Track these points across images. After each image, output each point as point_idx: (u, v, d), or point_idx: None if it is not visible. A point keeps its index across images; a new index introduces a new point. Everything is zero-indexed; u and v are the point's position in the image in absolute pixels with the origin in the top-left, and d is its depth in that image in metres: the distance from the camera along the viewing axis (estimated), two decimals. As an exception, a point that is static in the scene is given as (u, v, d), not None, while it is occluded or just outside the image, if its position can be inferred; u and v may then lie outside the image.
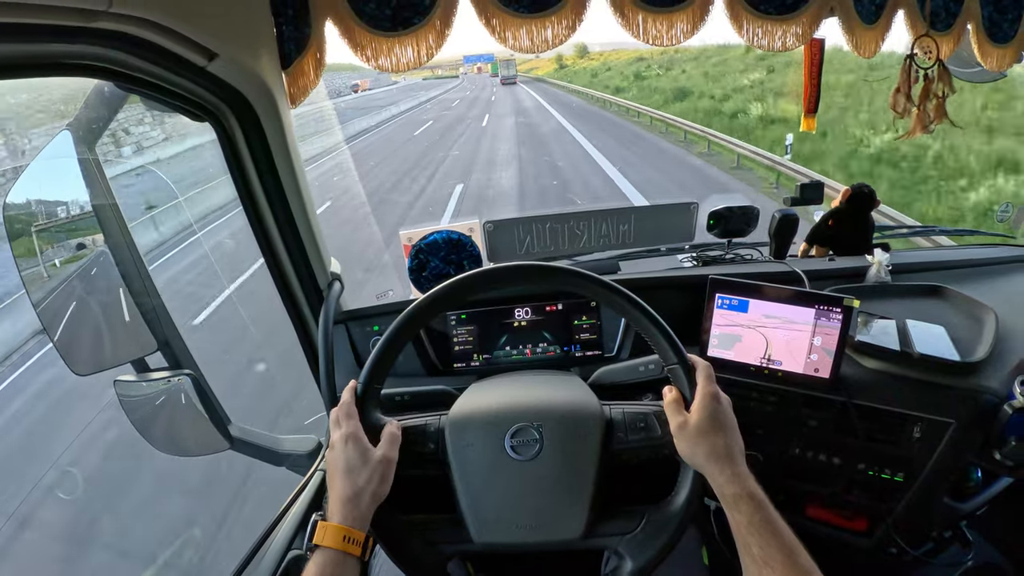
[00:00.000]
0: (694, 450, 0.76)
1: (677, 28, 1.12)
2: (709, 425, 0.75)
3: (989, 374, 1.09)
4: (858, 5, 1.18)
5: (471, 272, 0.84)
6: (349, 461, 0.75)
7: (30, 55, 0.67)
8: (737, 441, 0.76)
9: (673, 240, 1.58)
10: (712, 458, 0.74)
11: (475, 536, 0.79)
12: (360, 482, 0.74)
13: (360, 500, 0.74)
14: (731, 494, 0.71)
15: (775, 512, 0.70)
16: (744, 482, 0.72)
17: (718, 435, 0.75)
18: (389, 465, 0.78)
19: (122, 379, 1.10)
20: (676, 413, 0.78)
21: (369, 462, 0.76)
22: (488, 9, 1.06)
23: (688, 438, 0.76)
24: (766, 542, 0.67)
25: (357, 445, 0.76)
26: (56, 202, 1.06)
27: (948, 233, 2.01)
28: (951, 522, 1.27)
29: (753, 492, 0.71)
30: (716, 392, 0.78)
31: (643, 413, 0.85)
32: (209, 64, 0.87)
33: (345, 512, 0.72)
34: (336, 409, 0.80)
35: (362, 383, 0.81)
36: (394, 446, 0.80)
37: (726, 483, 0.72)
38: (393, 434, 0.81)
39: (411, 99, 42.08)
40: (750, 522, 0.69)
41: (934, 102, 1.27)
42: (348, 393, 0.81)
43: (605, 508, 0.80)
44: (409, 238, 1.40)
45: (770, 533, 0.68)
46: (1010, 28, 1.34)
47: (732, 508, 0.71)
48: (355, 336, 1.34)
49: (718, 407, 0.77)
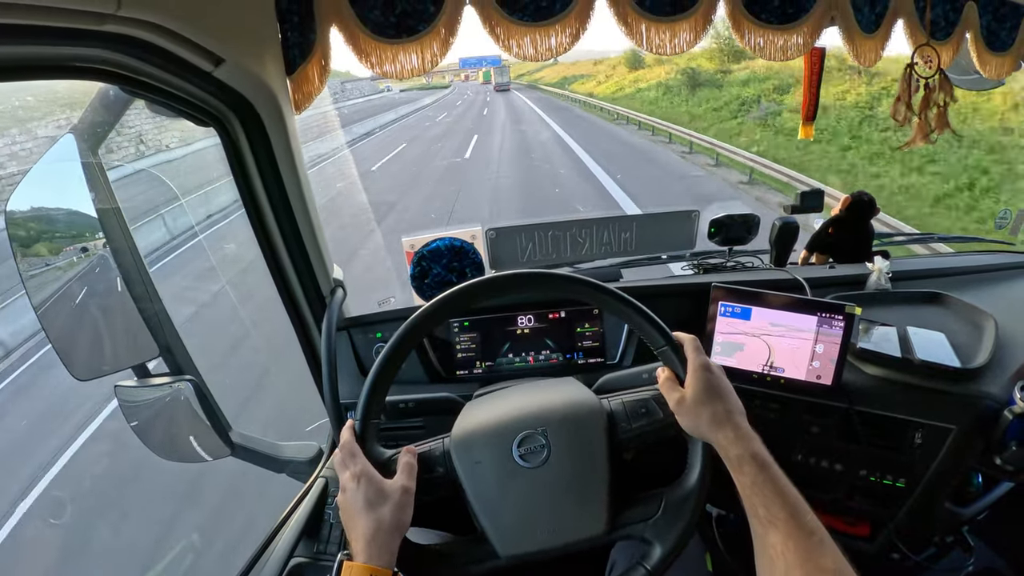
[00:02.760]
0: (696, 421, 0.76)
1: (680, 37, 1.13)
2: (705, 394, 0.76)
3: (989, 380, 1.10)
4: (858, 15, 1.20)
5: (453, 289, 0.83)
6: (367, 498, 0.74)
7: (37, 57, 0.67)
8: (735, 404, 0.77)
9: (674, 248, 1.58)
10: (714, 424, 0.75)
11: (500, 551, 0.78)
12: (383, 517, 0.73)
13: (385, 535, 0.72)
14: (735, 455, 0.72)
15: (780, 472, 0.70)
16: (748, 443, 0.72)
17: (715, 401, 0.76)
18: (409, 495, 0.76)
19: (123, 384, 1.09)
20: (672, 390, 0.79)
21: (388, 495, 0.75)
22: (492, 17, 1.07)
23: (688, 411, 0.77)
24: (770, 501, 0.67)
25: (371, 481, 0.75)
26: (59, 206, 1.06)
27: (947, 240, 2.02)
28: (953, 527, 1.28)
29: (756, 452, 0.71)
30: (706, 362, 0.79)
31: (642, 399, 0.86)
32: (215, 69, 0.87)
33: (371, 551, 0.70)
34: (337, 451, 0.79)
35: (359, 419, 0.80)
36: (412, 475, 0.79)
37: (730, 445, 0.73)
38: (410, 463, 0.80)
39: (391, 112, 32.91)
40: (754, 482, 0.69)
41: (935, 111, 1.28)
42: (347, 432, 0.80)
43: (623, 499, 0.81)
44: (412, 245, 1.40)
45: (774, 492, 0.67)
46: (1008, 36, 1.35)
47: (737, 470, 0.71)
48: (358, 343, 1.34)
49: (710, 375, 0.78)
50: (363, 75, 60.89)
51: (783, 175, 9.75)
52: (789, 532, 0.64)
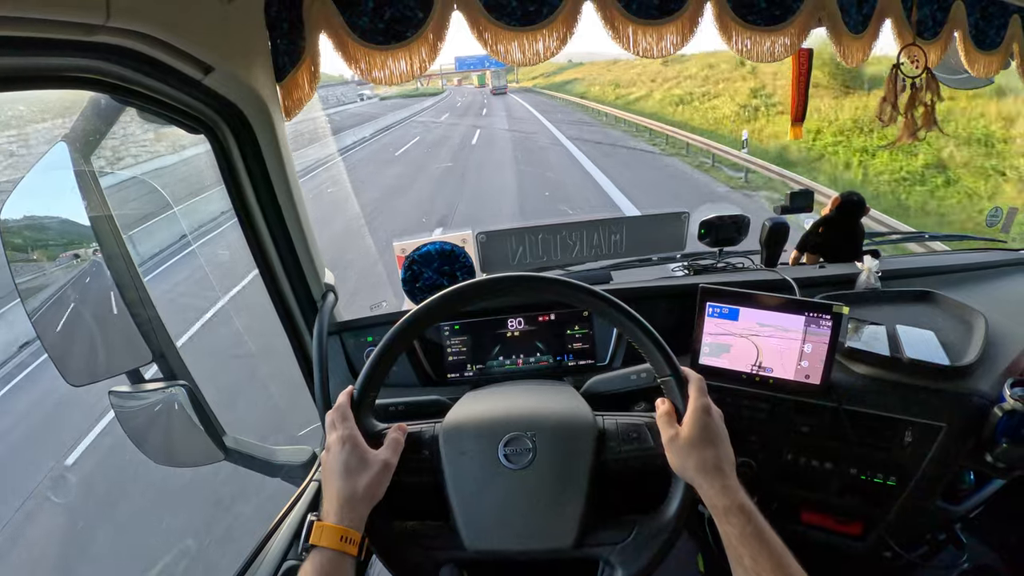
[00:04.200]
0: (684, 463, 0.76)
1: (667, 40, 1.14)
2: (700, 438, 0.76)
3: (979, 377, 1.10)
4: (845, 16, 1.20)
5: (465, 283, 0.85)
6: (347, 463, 0.76)
7: (28, 68, 0.68)
8: (728, 454, 0.77)
9: (665, 249, 1.59)
10: (702, 471, 0.75)
11: (468, 543, 0.79)
12: (359, 484, 0.75)
13: (358, 501, 0.74)
14: (722, 506, 0.72)
15: (765, 522, 0.71)
16: (734, 495, 0.73)
17: (708, 448, 0.76)
18: (388, 469, 0.79)
19: (117, 390, 1.10)
20: (668, 426, 0.79)
21: (369, 465, 0.77)
22: (480, 22, 1.07)
23: (679, 451, 0.77)
24: (757, 552, 0.68)
25: (355, 447, 0.77)
26: (52, 214, 1.07)
27: (938, 238, 2.02)
28: (945, 525, 1.28)
29: (743, 504, 0.72)
30: (708, 405, 0.79)
31: (636, 424, 0.86)
32: (205, 77, 0.88)
33: (342, 513, 0.73)
34: (331, 412, 0.81)
35: (358, 388, 0.82)
36: (396, 452, 0.81)
37: (716, 495, 0.73)
38: (396, 439, 0.82)
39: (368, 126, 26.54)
40: (741, 533, 0.70)
41: (921, 110, 1.29)
42: (344, 396, 0.82)
43: (597, 517, 0.81)
44: (403, 249, 1.41)
45: (760, 543, 0.68)
46: (996, 35, 1.36)
47: (723, 521, 0.72)
48: (349, 347, 1.34)
49: (709, 420, 0.78)
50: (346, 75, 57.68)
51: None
52: None
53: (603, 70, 50.07)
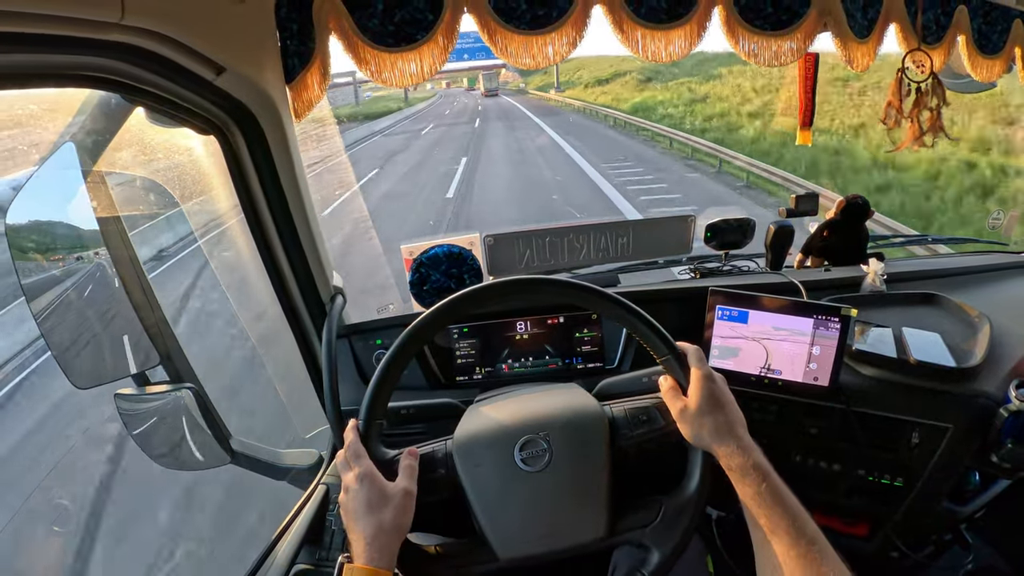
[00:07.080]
0: (698, 431, 0.77)
1: (675, 44, 1.15)
2: (708, 404, 0.77)
3: (985, 379, 1.11)
4: (851, 20, 1.21)
5: (457, 294, 0.83)
6: (369, 500, 0.74)
7: (41, 66, 0.67)
8: (737, 415, 0.78)
9: (671, 252, 1.59)
10: (716, 435, 0.76)
11: (500, 553, 0.78)
12: (385, 519, 0.73)
13: (385, 537, 0.72)
14: (737, 466, 0.73)
15: (781, 481, 0.71)
16: (749, 453, 0.73)
17: (718, 412, 0.77)
18: (410, 497, 0.77)
19: (123, 392, 1.09)
20: (674, 399, 0.80)
21: (390, 498, 0.75)
22: (490, 26, 1.08)
23: (690, 420, 0.78)
24: (772, 511, 0.68)
25: (374, 483, 0.75)
26: (59, 214, 1.06)
27: (942, 241, 2.04)
28: (951, 525, 1.29)
29: (758, 462, 0.72)
30: (709, 372, 0.80)
31: (644, 407, 0.87)
32: (217, 78, 0.87)
33: (371, 553, 0.71)
34: (342, 451, 0.80)
35: (363, 419, 0.81)
36: (413, 478, 0.79)
37: (732, 456, 0.74)
38: (411, 466, 0.80)
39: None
40: (757, 492, 0.70)
41: (927, 115, 1.30)
42: (351, 432, 0.80)
43: (622, 504, 0.81)
44: (410, 252, 1.40)
45: (776, 502, 0.69)
46: (999, 39, 1.38)
47: (739, 481, 0.72)
48: (358, 350, 1.34)
49: (713, 386, 0.79)
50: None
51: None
52: (791, 542, 0.66)
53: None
